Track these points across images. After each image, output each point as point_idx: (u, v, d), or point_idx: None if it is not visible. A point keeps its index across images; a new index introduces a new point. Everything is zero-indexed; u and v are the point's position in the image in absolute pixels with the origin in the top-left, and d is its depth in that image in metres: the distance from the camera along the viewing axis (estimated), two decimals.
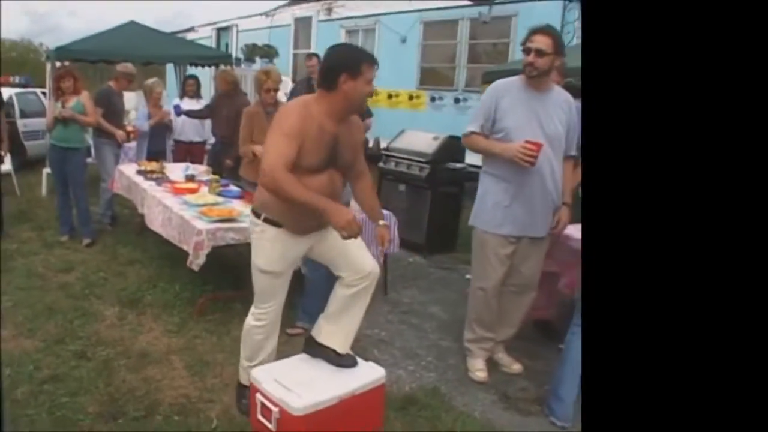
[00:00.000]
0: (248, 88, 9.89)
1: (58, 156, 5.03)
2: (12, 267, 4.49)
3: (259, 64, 10.34)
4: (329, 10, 9.84)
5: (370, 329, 3.66)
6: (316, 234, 2.43)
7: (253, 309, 2.52)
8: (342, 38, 9.49)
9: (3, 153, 5.41)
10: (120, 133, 5.41)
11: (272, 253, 2.38)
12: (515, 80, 2.95)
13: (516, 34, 7.05)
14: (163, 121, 6.09)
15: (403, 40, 8.63)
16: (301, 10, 10.47)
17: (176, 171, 4.94)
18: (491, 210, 3.00)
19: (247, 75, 10.34)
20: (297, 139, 2.20)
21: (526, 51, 2.83)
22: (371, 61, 2.31)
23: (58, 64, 6.47)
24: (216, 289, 4.00)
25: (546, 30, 2.85)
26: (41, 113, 8.36)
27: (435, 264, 5.19)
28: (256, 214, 2.40)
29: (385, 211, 4.12)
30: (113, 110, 5.47)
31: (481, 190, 3.09)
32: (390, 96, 9.00)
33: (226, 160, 5.10)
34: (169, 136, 6.27)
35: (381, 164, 5.71)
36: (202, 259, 3.41)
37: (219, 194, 4.29)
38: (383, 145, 6.02)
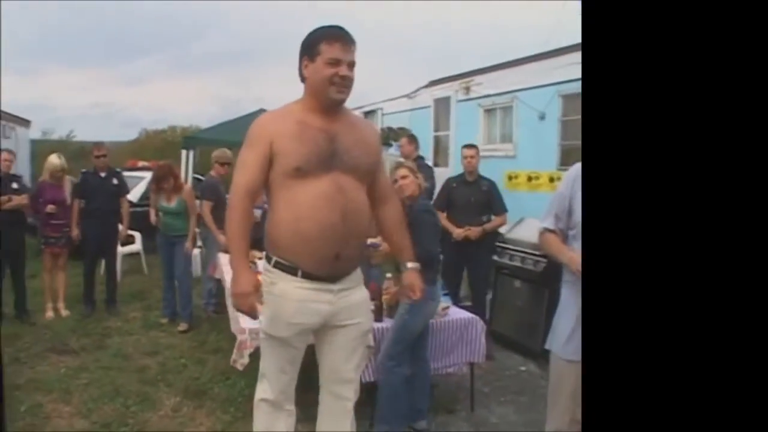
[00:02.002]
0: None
1: (165, 242, 5.59)
2: (106, 345, 4.94)
3: (394, 148, 10.77)
4: (467, 89, 9.99)
5: None
6: (339, 293, 2.21)
7: (259, 382, 2.36)
8: (480, 117, 9.51)
9: (122, 235, 6.12)
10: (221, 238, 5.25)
11: (282, 310, 2.18)
12: None
13: None
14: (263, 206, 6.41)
15: (542, 117, 8.36)
16: (440, 91, 10.78)
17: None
18: (573, 331, 2.45)
19: (384, 160, 10.81)
20: (260, 147, 2.09)
21: None
22: (333, 37, 2.10)
23: (184, 151, 7.26)
24: None
25: None
26: None
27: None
28: (268, 258, 2.24)
29: (469, 314, 3.84)
30: (223, 200, 5.49)
31: (561, 305, 2.60)
32: (530, 178, 8.66)
33: None
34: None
35: (495, 257, 5.38)
36: (246, 359, 3.36)
37: None
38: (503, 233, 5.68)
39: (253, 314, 2.17)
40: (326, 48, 2.10)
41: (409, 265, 2.45)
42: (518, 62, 8.87)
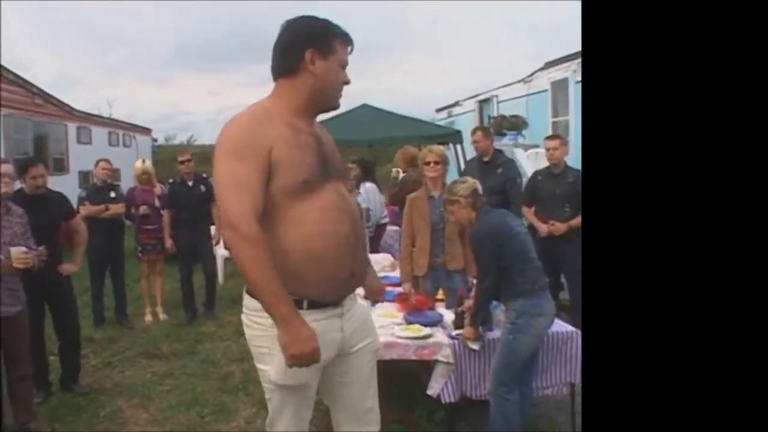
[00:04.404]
0: None
1: None
2: (197, 351, 5.19)
3: (508, 138, 10.40)
4: None
5: None
6: (346, 315, 2.02)
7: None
8: None
9: (217, 239, 6.40)
10: None
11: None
12: None
13: None
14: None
15: None
16: (557, 72, 10.26)
17: None
18: None
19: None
20: (257, 158, 1.79)
21: None
22: (346, 37, 1.95)
23: None
24: None
25: None
26: None
27: None
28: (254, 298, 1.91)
29: (567, 327, 3.52)
30: None
31: None
32: None
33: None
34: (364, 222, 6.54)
35: None
36: None
37: None
38: None
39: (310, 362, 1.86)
40: (340, 48, 1.94)
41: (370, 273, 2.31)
42: None
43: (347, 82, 1.99)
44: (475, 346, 3.21)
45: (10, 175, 3.44)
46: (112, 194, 5.82)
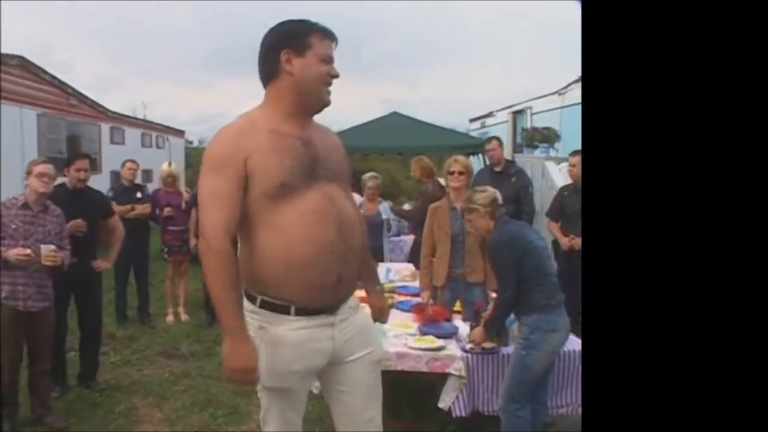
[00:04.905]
0: (531, 177, 9.88)
1: None
2: (215, 352, 5.23)
3: (539, 150, 10.33)
4: None
5: None
6: (341, 324, 2.02)
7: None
8: None
9: None
10: None
11: (278, 359, 1.94)
12: None
13: None
14: (375, 218, 6.41)
15: None
16: None
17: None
18: None
19: (527, 163, 10.41)
20: (231, 170, 1.83)
21: None
22: (323, 31, 1.94)
23: None
24: None
25: None
26: None
27: None
28: (251, 298, 1.98)
29: None
30: None
31: None
32: None
33: None
34: (386, 232, 6.45)
35: None
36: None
37: (393, 306, 4.18)
38: None
39: (249, 381, 1.97)
40: (318, 42, 1.93)
41: (375, 288, 2.36)
42: None
43: (335, 75, 1.97)
44: (487, 345, 3.21)
45: (50, 175, 3.54)
46: (139, 195, 5.96)
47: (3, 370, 3.44)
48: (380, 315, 2.38)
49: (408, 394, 3.71)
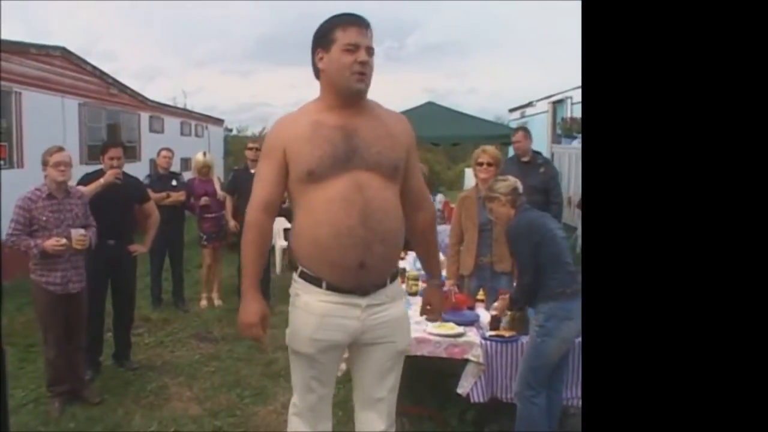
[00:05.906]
0: (568, 168, 9.81)
1: None
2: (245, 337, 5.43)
3: (578, 141, 10.22)
4: None
5: None
6: (369, 308, 2.15)
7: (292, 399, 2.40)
8: None
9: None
10: None
11: (304, 325, 2.17)
12: None
13: None
14: None
15: None
16: None
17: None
18: None
19: (565, 153, 10.33)
20: (274, 157, 2.13)
21: None
22: (348, 22, 2.08)
23: None
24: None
25: None
26: None
27: None
28: (295, 267, 2.22)
29: None
30: None
31: None
32: None
33: None
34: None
35: None
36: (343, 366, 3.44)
37: (417, 294, 4.16)
38: None
39: (259, 342, 2.27)
40: (341, 34, 2.07)
41: (433, 281, 2.44)
42: None
43: (363, 62, 2.06)
44: (506, 333, 3.34)
45: (66, 162, 3.72)
46: (174, 182, 6.18)
47: (49, 348, 3.72)
48: (428, 312, 2.53)
49: (430, 380, 3.80)
